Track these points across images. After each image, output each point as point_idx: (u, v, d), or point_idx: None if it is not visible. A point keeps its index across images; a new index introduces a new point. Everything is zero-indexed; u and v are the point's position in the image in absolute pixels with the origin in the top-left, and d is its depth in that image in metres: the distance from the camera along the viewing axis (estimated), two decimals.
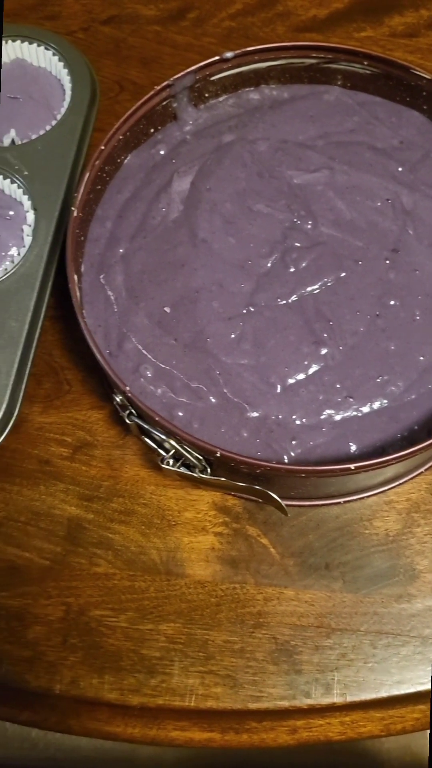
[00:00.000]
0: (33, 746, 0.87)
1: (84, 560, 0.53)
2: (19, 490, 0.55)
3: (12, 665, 0.51)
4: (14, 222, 0.58)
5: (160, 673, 0.51)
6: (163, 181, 0.57)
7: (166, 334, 0.52)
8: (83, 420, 0.57)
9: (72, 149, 0.59)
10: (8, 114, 0.61)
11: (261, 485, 0.48)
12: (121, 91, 0.67)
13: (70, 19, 0.70)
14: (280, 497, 0.48)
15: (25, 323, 0.54)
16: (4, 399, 0.52)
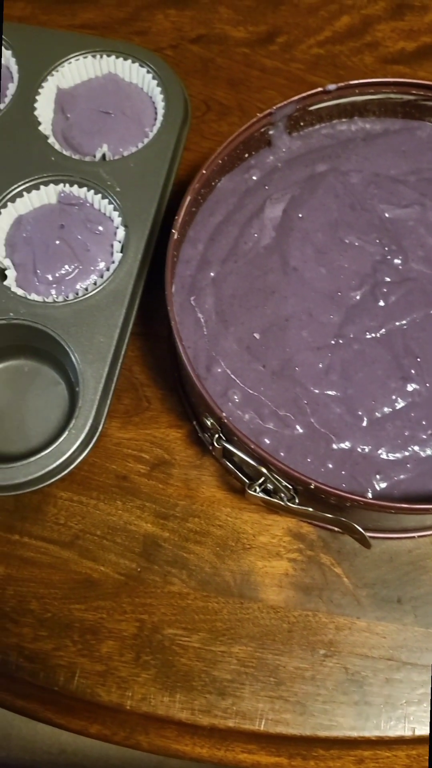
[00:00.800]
0: (61, 751, 0.88)
1: (158, 578, 0.54)
2: (96, 504, 0.56)
3: (84, 678, 0.52)
4: (104, 237, 0.58)
5: (231, 695, 0.51)
6: (255, 207, 0.57)
7: (254, 360, 0.53)
8: (161, 438, 0.57)
9: (164, 168, 0.60)
10: (101, 128, 0.62)
11: (346, 517, 0.49)
12: (208, 111, 0.67)
13: (159, 35, 0.70)
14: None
15: (113, 339, 0.55)
16: (91, 414, 0.53)
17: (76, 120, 0.62)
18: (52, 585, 0.54)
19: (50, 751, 0.87)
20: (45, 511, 0.56)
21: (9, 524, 0.55)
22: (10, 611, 0.53)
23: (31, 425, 0.57)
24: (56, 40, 0.64)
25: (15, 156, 0.60)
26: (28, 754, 0.87)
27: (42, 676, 0.52)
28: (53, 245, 0.57)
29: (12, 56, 0.64)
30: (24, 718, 0.86)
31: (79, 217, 0.59)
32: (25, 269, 0.57)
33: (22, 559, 0.54)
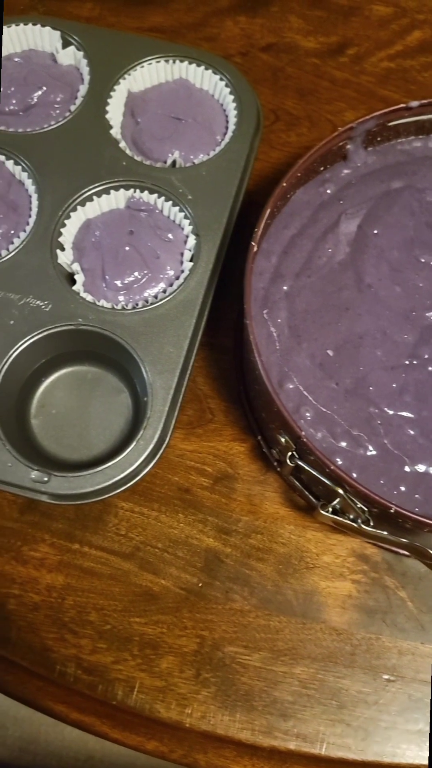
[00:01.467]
0: (89, 758, 0.87)
1: (220, 594, 0.53)
2: (157, 516, 0.55)
3: (143, 693, 0.51)
4: (173, 245, 0.58)
5: (292, 717, 0.50)
6: (330, 221, 0.56)
7: (327, 378, 0.52)
8: (224, 451, 0.57)
9: (236, 177, 0.59)
10: (171, 134, 0.61)
11: (419, 541, 0.48)
12: (277, 121, 0.67)
13: (229, 42, 0.69)
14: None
15: (182, 350, 0.54)
16: (159, 425, 0.52)
17: (147, 125, 0.61)
18: (112, 597, 0.53)
19: (77, 757, 0.87)
20: (106, 521, 0.55)
21: (69, 533, 0.54)
22: (69, 621, 0.52)
23: (94, 433, 0.56)
24: (129, 43, 0.63)
25: (86, 159, 0.59)
26: (55, 760, 0.87)
27: (100, 689, 0.51)
28: (123, 251, 0.56)
29: (84, 57, 0.63)
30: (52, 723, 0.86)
31: (148, 224, 0.58)
32: (94, 274, 0.57)
33: (82, 569, 0.54)
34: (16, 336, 0.54)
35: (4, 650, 0.52)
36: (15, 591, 0.53)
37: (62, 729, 0.88)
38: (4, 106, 0.62)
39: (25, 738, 0.88)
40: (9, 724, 0.88)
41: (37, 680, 0.52)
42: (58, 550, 0.54)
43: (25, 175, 0.59)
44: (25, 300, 0.55)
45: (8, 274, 0.56)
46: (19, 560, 0.54)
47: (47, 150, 0.60)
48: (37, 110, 0.62)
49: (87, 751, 0.87)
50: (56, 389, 0.57)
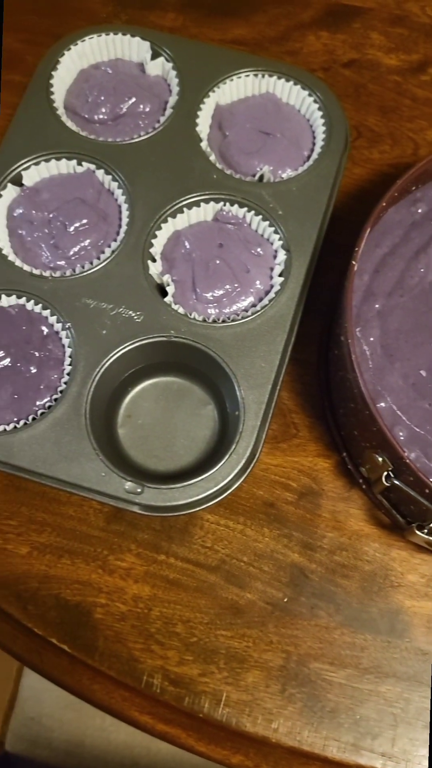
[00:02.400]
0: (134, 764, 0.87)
1: (305, 610, 0.53)
2: (242, 529, 0.55)
3: (230, 707, 0.51)
4: (263, 259, 0.58)
5: (378, 735, 0.50)
6: (422, 241, 0.56)
7: (420, 398, 0.52)
8: (309, 467, 0.57)
9: (326, 194, 0.59)
10: (260, 149, 0.61)
11: None
12: (359, 137, 0.67)
13: (311, 56, 0.70)
14: None
15: (274, 365, 0.54)
16: (251, 440, 0.52)
17: (235, 138, 0.62)
18: (198, 609, 0.53)
19: (123, 762, 0.87)
20: (191, 533, 0.55)
21: (155, 543, 0.55)
22: (156, 632, 0.53)
23: (180, 444, 0.56)
24: (219, 56, 0.63)
25: (177, 171, 0.59)
26: (101, 764, 0.87)
27: (187, 702, 0.51)
28: (213, 264, 0.57)
29: (173, 69, 0.63)
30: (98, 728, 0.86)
31: (237, 237, 0.58)
32: (184, 286, 0.57)
33: (168, 581, 0.54)
34: (108, 346, 0.54)
35: (92, 659, 0.52)
36: (102, 600, 0.53)
37: (108, 734, 0.88)
38: (94, 115, 0.62)
39: (71, 741, 0.88)
40: (55, 727, 0.89)
41: (124, 690, 0.52)
42: (144, 560, 0.54)
43: (115, 185, 0.60)
44: (117, 310, 0.55)
45: (100, 284, 0.56)
46: (106, 570, 0.54)
47: (139, 161, 0.60)
48: (126, 120, 0.62)
49: (132, 757, 0.87)
50: (142, 399, 0.58)
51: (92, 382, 0.53)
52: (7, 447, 0.52)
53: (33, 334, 0.55)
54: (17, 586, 0.54)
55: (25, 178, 0.60)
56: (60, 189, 0.60)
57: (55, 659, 0.53)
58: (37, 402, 0.54)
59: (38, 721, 0.90)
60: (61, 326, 0.55)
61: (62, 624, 0.53)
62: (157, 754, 0.87)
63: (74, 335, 0.55)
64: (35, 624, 0.53)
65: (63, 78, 0.64)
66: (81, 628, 0.53)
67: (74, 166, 0.61)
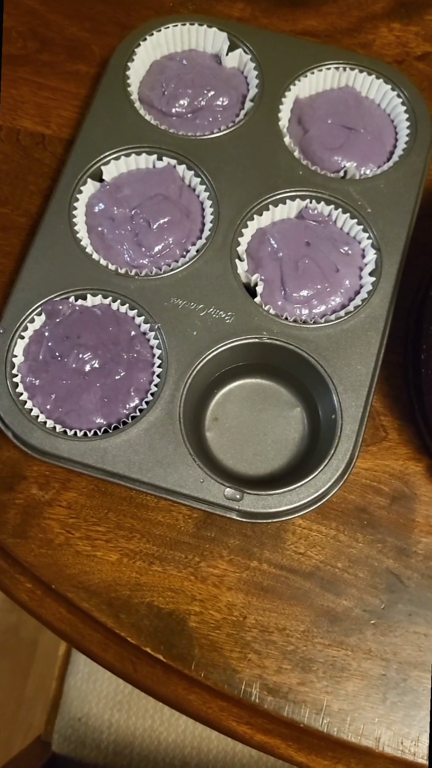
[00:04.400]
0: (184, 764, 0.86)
1: (403, 617, 0.52)
2: (335, 534, 0.54)
3: (331, 716, 0.50)
4: (352, 258, 0.57)
5: None
6: None
7: None
8: (400, 470, 0.56)
9: (414, 191, 0.58)
10: (342, 144, 0.60)
11: None
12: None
13: (384, 48, 0.68)
14: None
15: (370, 367, 0.53)
16: (350, 444, 0.51)
17: (317, 133, 0.60)
18: (293, 616, 0.52)
19: (173, 763, 0.86)
20: (284, 538, 0.54)
21: (247, 549, 0.54)
22: (252, 641, 0.52)
23: (269, 448, 0.55)
24: (299, 48, 0.62)
25: (262, 167, 0.58)
26: (150, 765, 0.86)
27: (287, 711, 0.50)
28: (303, 263, 0.55)
29: (251, 61, 0.62)
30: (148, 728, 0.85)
31: (324, 236, 0.57)
32: (272, 286, 0.55)
33: (261, 587, 0.53)
34: (200, 347, 0.53)
35: (188, 669, 0.51)
36: (195, 608, 0.52)
37: (158, 734, 0.87)
38: (171, 108, 0.60)
39: (119, 742, 0.87)
40: (103, 728, 0.88)
41: (221, 700, 0.51)
42: (237, 567, 0.53)
43: (197, 180, 0.58)
44: (207, 311, 0.54)
45: (188, 284, 0.55)
46: (198, 577, 0.53)
47: (221, 156, 0.58)
48: (204, 113, 0.60)
49: (183, 757, 0.86)
50: (228, 402, 0.56)
51: (185, 385, 0.52)
52: (100, 452, 0.50)
53: (121, 335, 0.54)
54: (108, 594, 0.52)
55: (104, 174, 0.58)
56: (141, 185, 0.58)
57: (149, 669, 0.52)
58: (127, 405, 0.52)
59: (85, 722, 0.89)
60: (149, 327, 0.54)
61: (156, 633, 0.52)
62: (207, 754, 0.86)
63: (164, 336, 0.53)
64: (128, 633, 0.52)
65: (137, 70, 0.62)
66: (175, 636, 0.51)
67: (154, 161, 0.59)
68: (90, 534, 0.54)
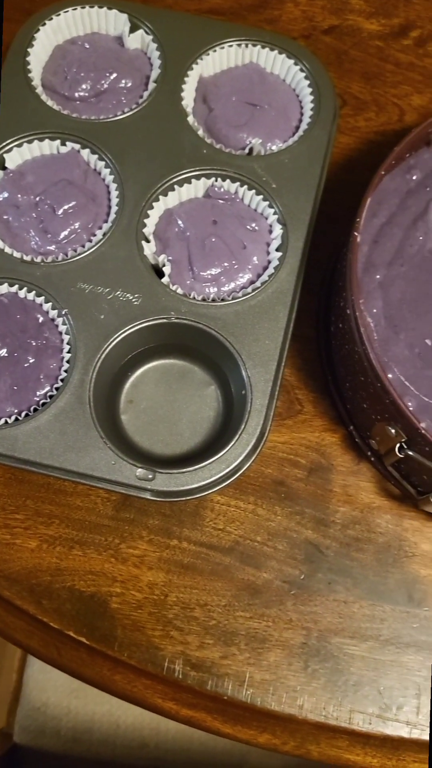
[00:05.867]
0: (143, 745, 0.87)
1: (323, 586, 0.53)
2: (253, 509, 0.55)
3: (254, 687, 0.51)
4: (259, 235, 0.57)
5: (404, 704, 0.51)
6: (419, 209, 0.56)
7: (427, 367, 0.52)
8: (316, 442, 0.56)
9: (318, 164, 0.58)
10: (247, 121, 0.60)
11: None
12: (344, 105, 0.66)
13: (290, 24, 0.68)
14: None
15: (278, 342, 0.53)
16: (260, 419, 0.52)
17: (222, 111, 0.60)
18: (215, 592, 0.53)
19: (131, 745, 0.87)
20: (202, 515, 0.54)
21: (166, 529, 0.54)
22: (174, 618, 0.52)
23: (185, 427, 0.55)
24: (201, 26, 0.62)
25: (166, 147, 0.58)
26: (109, 748, 0.86)
27: (210, 685, 0.51)
28: (209, 242, 0.55)
29: (153, 41, 0.61)
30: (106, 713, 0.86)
31: (231, 213, 0.57)
32: (180, 266, 0.56)
33: (182, 565, 0.53)
34: (108, 331, 0.53)
35: (111, 650, 0.51)
36: (117, 589, 0.52)
37: (116, 718, 0.87)
38: (74, 92, 0.60)
39: (78, 728, 0.87)
40: (62, 715, 0.88)
41: (145, 678, 0.52)
42: (157, 546, 0.54)
43: (102, 164, 0.58)
44: (114, 294, 0.54)
45: (95, 267, 0.55)
46: (119, 558, 0.53)
47: (125, 138, 0.58)
48: (108, 97, 0.60)
49: (141, 738, 0.87)
50: (143, 384, 0.56)
51: (94, 369, 0.52)
52: (10, 440, 0.51)
53: (28, 323, 0.54)
54: (29, 581, 0.53)
55: (7, 161, 0.58)
56: (45, 171, 0.58)
57: (73, 652, 0.52)
58: (38, 392, 0.53)
59: (44, 711, 0.89)
60: (57, 313, 0.54)
61: (78, 616, 0.52)
62: (166, 734, 0.87)
63: (71, 322, 0.53)
64: (51, 618, 0.52)
65: (38, 55, 0.62)
66: (98, 618, 0.52)
67: (57, 147, 0.59)
68: (8, 522, 0.54)
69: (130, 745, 0.87)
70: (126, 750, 0.87)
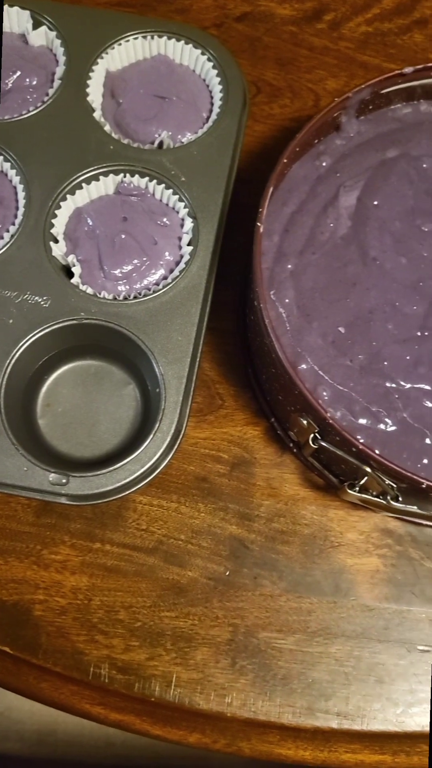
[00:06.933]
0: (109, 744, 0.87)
1: (248, 581, 0.53)
2: (177, 507, 0.54)
3: (181, 687, 0.50)
4: (170, 229, 0.56)
5: (332, 696, 0.51)
6: (329, 195, 0.55)
7: (341, 355, 0.51)
8: (238, 436, 0.56)
9: (228, 155, 0.57)
10: (156, 114, 0.59)
11: None
12: (258, 93, 0.65)
13: (202, 13, 0.67)
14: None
15: (191, 337, 0.53)
16: (175, 416, 0.51)
17: (130, 105, 0.59)
18: (139, 593, 0.52)
19: (97, 744, 0.86)
20: (125, 517, 0.54)
21: (89, 532, 0.53)
22: (99, 622, 0.51)
23: (104, 428, 0.55)
24: (104, 20, 0.61)
25: (72, 145, 0.57)
26: (75, 749, 0.86)
27: (137, 688, 0.50)
28: (119, 239, 0.55)
29: (57, 38, 0.60)
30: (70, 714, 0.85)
31: (141, 209, 0.56)
32: (90, 265, 0.55)
33: (105, 568, 0.53)
34: (17, 335, 0.52)
35: (36, 658, 0.51)
36: (40, 596, 0.52)
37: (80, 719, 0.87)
38: None
39: (42, 731, 0.87)
40: (26, 719, 0.88)
41: (72, 684, 0.51)
42: (79, 550, 0.53)
43: (7, 165, 0.57)
44: (22, 297, 0.53)
45: (1, 271, 0.54)
46: (41, 564, 0.52)
47: (30, 138, 0.57)
48: (13, 96, 0.59)
49: (107, 737, 0.87)
50: (60, 387, 0.56)
51: (3, 375, 0.51)
52: None
53: None
54: None
55: None
56: None
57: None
58: None
59: (6, 716, 0.89)
60: None
61: (1, 626, 0.51)
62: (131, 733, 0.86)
63: None
64: None
65: None
66: (21, 627, 0.51)
67: None
68: None
69: (96, 744, 0.87)
70: (92, 750, 0.87)
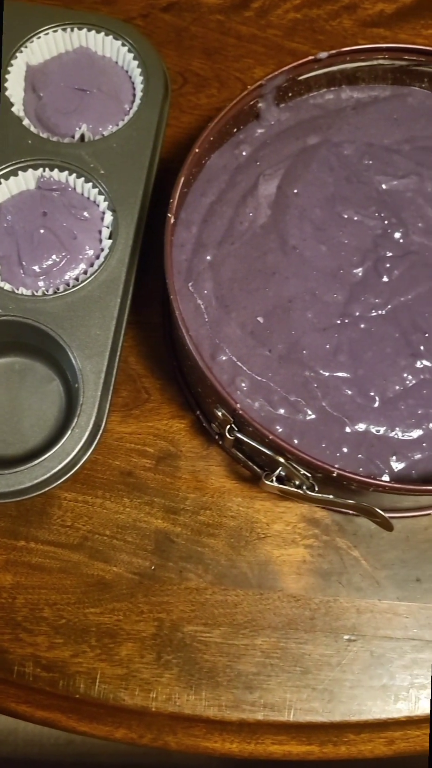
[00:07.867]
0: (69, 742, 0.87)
1: (174, 575, 0.52)
2: (102, 502, 0.54)
3: (106, 683, 0.50)
4: (90, 223, 0.56)
5: (258, 688, 0.50)
6: (248, 184, 0.55)
7: (260, 345, 0.51)
8: (164, 430, 0.56)
9: (148, 146, 0.57)
10: (77, 107, 0.58)
11: (365, 501, 0.48)
12: (185, 84, 0.64)
13: (128, 4, 0.67)
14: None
15: (110, 331, 0.52)
16: (93, 411, 0.51)
17: (50, 99, 0.59)
18: (64, 590, 0.52)
19: (57, 742, 0.86)
20: (50, 513, 0.53)
21: (13, 530, 0.53)
22: (23, 620, 0.51)
23: (27, 425, 0.54)
24: (22, 12, 0.60)
25: None
26: (36, 748, 0.86)
27: (61, 685, 0.50)
28: (38, 234, 0.54)
29: None
30: None
31: (61, 203, 0.56)
32: (10, 261, 0.54)
33: (30, 566, 0.52)
34: None
35: None
36: None
37: None
38: None
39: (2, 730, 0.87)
40: None
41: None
42: (3, 549, 0.53)
43: None
44: None
45: None
46: None
47: None
48: None
49: (68, 735, 0.86)
50: None
51: None
52: None
53: None
54: None
55: None
56: None
57: None
58: None
59: None
60: None
61: None
62: None
63: None
64: None
65: None
66: None
67: None
68: None
69: (56, 742, 0.87)
70: (53, 747, 0.87)
